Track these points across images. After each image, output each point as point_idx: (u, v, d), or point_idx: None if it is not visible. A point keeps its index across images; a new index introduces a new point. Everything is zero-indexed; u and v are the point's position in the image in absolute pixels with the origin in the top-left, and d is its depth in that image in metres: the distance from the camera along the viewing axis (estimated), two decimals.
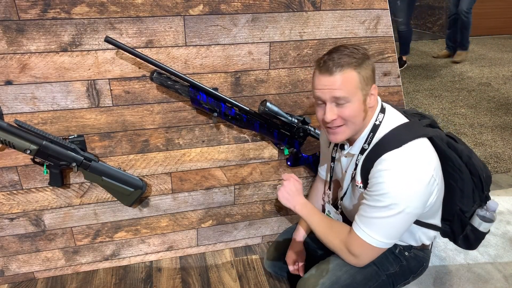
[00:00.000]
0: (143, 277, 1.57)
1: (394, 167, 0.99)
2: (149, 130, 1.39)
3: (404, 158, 1.00)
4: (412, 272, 1.24)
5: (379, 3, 1.40)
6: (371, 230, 1.03)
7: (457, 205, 1.19)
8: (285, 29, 1.36)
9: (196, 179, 1.53)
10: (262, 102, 1.35)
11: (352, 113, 1.02)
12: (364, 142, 1.09)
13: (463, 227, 1.22)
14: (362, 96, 1.01)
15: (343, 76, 0.98)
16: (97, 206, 1.48)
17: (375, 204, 1.01)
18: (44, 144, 1.22)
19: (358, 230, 1.05)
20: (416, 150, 1.02)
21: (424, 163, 1.02)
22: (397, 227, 1.02)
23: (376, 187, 1.01)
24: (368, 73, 1.01)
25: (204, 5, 1.25)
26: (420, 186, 1.00)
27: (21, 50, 1.18)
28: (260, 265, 1.63)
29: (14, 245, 1.47)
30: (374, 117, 1.08)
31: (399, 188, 0.98)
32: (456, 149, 1.15)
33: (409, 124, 1.09)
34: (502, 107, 3.36)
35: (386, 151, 1.02)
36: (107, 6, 1.18)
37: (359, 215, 1.07)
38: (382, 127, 1.07)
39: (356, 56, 0.99)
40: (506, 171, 2.41)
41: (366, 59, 1.01)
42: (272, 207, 1.70)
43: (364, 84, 1.01)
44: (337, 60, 0.98)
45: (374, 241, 1.03)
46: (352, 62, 0.98)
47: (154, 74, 1.25)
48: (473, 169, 1.16)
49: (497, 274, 1.60)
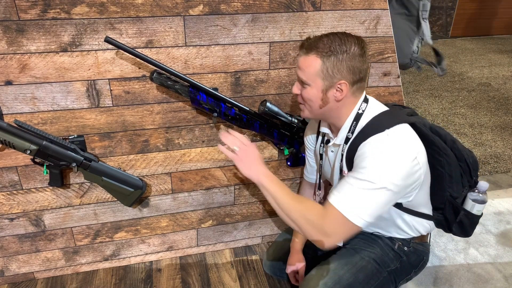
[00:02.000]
0: (143, 277, 1.57)
1: (378, 146, 1.01)
2: (149, 130, 1.39)
3: (387, 139, 1.02)
4: (413, 267, 1.24)
5: (379, 3, 1.40)
6: (349, 202, 0.97)
7: (447, 191, 1.19)
8: (285, 29, 1.36)
9: (196, 179, 1.53)
10: (262, 102, 1.35)
11: (308, 96, 1.06)
12: (348, 131, 1.10)
13: (456, 213, 1.22)
14: (322, 86, 1.03)
15: (306, 59, 1.03)
16: (97, 206, 1.48)
17: (357, 176, 0.98)
18: (44, 144, 1.22)
19: (334, 200, 0.98)
20: (399, 133, 1.03)
21: (407, 144, 1.03)
22: (376, 203, 0.97)
23: (360, 162, 1.01)
24: (335, 67, 1.00)
25: (204, 5, 1.25)
26: (402, 165, 0.99)
27: (21, 50, 1.18)
28: (260, 265, 1.63)
29: (14, 245, 1.47)
30: (357, 106, 1.09)
31: (382, 164, 0.98)
32: (440, 134, 1.16)
33: (391, 111, 1.11)
34: (502, 107, 3.36)
35: (368, 137, 1.03)
36: (107, 6, 1.18)
37: (337, 187, 1.01)
38: (364, 116, 1.08)
39: (331, 47, 0.99)
40: (506, 171, 2.41)
41: (342, 53, 0.99)
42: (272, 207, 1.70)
43: (328, 75, 1.01)
44: (311, 42, 1.02)
45: (351, 215, 0.96)
46: (321, 50, 1.00)
47: (154, 74, 1.25)
48: (458, 154, 1.17)
49: (497, 274, 1.60)
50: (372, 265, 1.16)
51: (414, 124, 1.11)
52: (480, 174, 2.37)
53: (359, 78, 1.04)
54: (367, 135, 1.04)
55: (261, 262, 1.65)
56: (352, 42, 1.01)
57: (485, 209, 1.98)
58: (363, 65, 1.03)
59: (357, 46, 1.01)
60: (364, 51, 1.03)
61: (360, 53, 1.02)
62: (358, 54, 1.01)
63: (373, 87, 1.54)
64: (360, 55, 1.02)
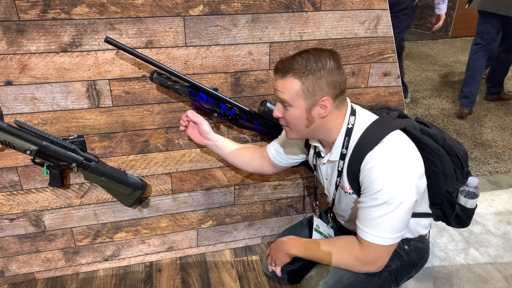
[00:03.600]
0: (143, 278, 1.57)
1: (381, 163, 1.01)
2: (149, 131, 1.39)
3: (387, 152, 1.02)
4: (414, 265, 1.24)
5: (379, 3, 1.40)
6: (379, 231, 1.03)
7: (442, 187, 1.20)
8: (285, 30, 1.36)
9: (196, 180, 1.53)
10: (262, 102, 1.35)
11: (292, 118, 1.05)
12: (342, 147, 1.10)
13: (453, 207, 1.23)
14: (305, 105, 1.02)
15: (285, 81, 1.01)
16: (97, 206, 1.48)
17: (373, 204, 1.02)
18: (44, 145, 1.22)
19: (367, 236, 1.04)
20: (395, 142, 1.04)
21: (407, 152, 1.05)
22: (402, 218, 1.03)
23: (370, 186, 1.02)
24: (315, 84, 0.99)
25: (204, 5, 1.25)
26: (410, 174, 1.02)
27: (21, 50, 1.18)
28: (260, 265, 1.63)
29: (14, 246, 1.47)
30: (346, 120, 1.09)
31: (392, 181, 1.00)
32: (430, 134, 1.16)
33: (380, 119, 1.11)
34: (502, 107, 3.36)
35: (367, 151, 1.03)
36: (107, 7, 1.18)
37: (361, 221, 1.06)
38: (356, 129, 1.08)
39: (307, 66, 0.99)
40: (506, 171, 2.41)
41: (319, 70, 0.99)
42: (272, 207, 1.70)
43: (309, 94, 1.00)
44: (286, 64, 1.01)
45: (386, 240, 1.03)
46: (297, 71, 0.99)
47: (154, 75, 1.25)
48: (449, 150, 1.17)
49: (497, 274, 1.60)
50: None
51: (405, 128, 1.11)
52: (480, 174, 2.38)
53: (340, 91, 1.04)
54: (364, 150, 1.04)
55: (261, 262, 1.65)
56: (327, 57, 1.00)
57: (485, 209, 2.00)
58: (341, 77, 1.03)
59: (332, 60, 1.01)
60: (339, 64, 1.03)
61: (336, 66, 1.01)
62: (334, 67, 1.01)
63: (373, 87, 1.54)
64: (336, 68, 1.01)
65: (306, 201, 1.73)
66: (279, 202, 1.69)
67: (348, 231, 1.28)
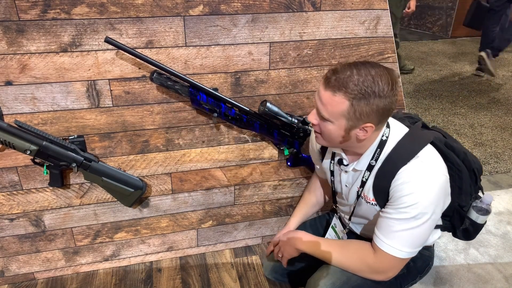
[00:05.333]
0: (143, 278, 1.57)
1: (416, 178, 0.99)
2: (149, 131, 1.39)
3: (421, 168, 1.00)
4: (419, 272, 1.24)
5: (379, 4, 1.40)
6: (398, 243, 1.01)
7: (455, 202, 1.19)
8: (285, 30, 1.36)
9: (196, 180, 1.53)
10: (262, 102, 1.35)
11: (328, 132, 1.01)
12: (371, 158, 1.06)
13: (462, 221, 1.23)
14: (346, 125, 0.97)
15: (333, 98, 0.94)
16: (97, 206, 1.48)
17: (402, 217, 1.00)
18: (44, 145, 1.22)
19: (384, 246, 1.03)
20: (429, 158, 1.02)
21: (439, 168, 1.03)
22: (423, 234, 1.03)
23: (402, 200, 0.99)
24: (364, 111, 0.93)
25: (204, 5, 1.25)
26: (442, 192, 1.01)
27: (21, 50, 1.18)
28: (260, 265, 1.63)
29: (14, 246, 1.47)
30: (381, 132, 1.05)
31: (425, 198, 0.98)
32: (453, 148, 1.15)
33: (411, 133, 1.08)
34: (502, 107, 3.36)
35: (401, 166, 1.00)
36: (107, 7, 1.18)
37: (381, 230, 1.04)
38: (389, 142, 1.05)
39: (362, 89, 0.91)
40: (506, 171, 2.41)
41: (373, 97, 0.91)
42: (272, 207, 1.70)
43: (354, 117, 0.94)
44: (339, 79, 0.92)
45: (403, 253, 1.02)
46: (350, 92, 0.91)
47: (154, 75, 1.25)
48: (468, 165, 1.17)
49: (498, 274, 1.60)
50: None
51: (433, 142, 1.10)
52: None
53: (386, 116, 0.98)
54: (397, 164, 1.01)
55: (261, 262, 1.65)
56: (385, 81, 0.92)
57: None
58: (392, 105, 0.95)
59: (388, 86, 0.92)
60: (395, 88, 0.94)
61: (392, 93, 0.94)
62: (389, 94, 0.93)
63: None
64: (391, 95, 0.94)
65: None
66: (279, 202, 1.69)
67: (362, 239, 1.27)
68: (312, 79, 1.46)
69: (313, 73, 1.45)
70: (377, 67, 0.94)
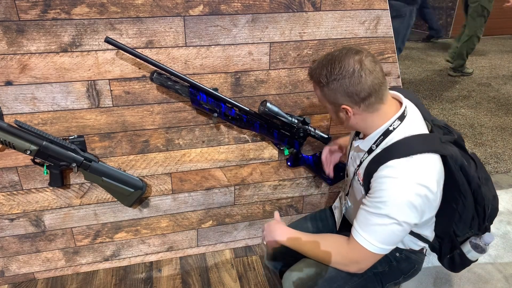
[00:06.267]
0: (143, 278, 1.57)
1: (398, 177, 0.98)
2: (149, 131, 1.39)
3: (410, 169, 0.98)
4: (402, 273, 1.23)
5: (379, 4, 1.40)
6: (372, 237, 1.03)
7: (452, 227, 1.18)
8: (285, 30, 1.36)
9: (196, 180, 1.53)
10: (262, 102, 1.35)
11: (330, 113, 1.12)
12: (374, 142, 1.08)
13: (452, 249, 1.21)
14: (332, 108, 1.06)
15: (314, 87, 1.07)
16: (97, 206, 1.48)
17: (374, 211, 1.01)
18: (44, 145, 1.22)
19: (358, 238, 1.05)
20: (424, 164, 1.00)
21: (429, 179, 0.99)
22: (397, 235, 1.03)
23: (378, 193, 1.00)
24: (331, 95, 1.00)
25: (204, 5, 1.25)
26: (420, 202, 0.98)
27: (21, 50, 1.18)
28: (260, 265, 1.63)
29: (14, 246, 1.47)
30: (389, 122, 1.05)
31: (399, 200, 0.97)
32: (468, 175, 1.11)
33: (426, 136, 1.06)
34: (502, 107, 3.36)
35: (394, 158, 1.00)
36: (107, 7, 1.18)
37: (358, 221, 1.06)
38: (395, 134, 1.05)
39: (320, 77, 0.99)
40: (506, 171, 2.41)
41: (332, 82, 0.97)
42: (273, 207, 1.70)
43: (330, 100, 1.03)
44: (312, 70, 1.04)
45: (375, 248, 1.03)
46: (316, 80, 1.03)
47: (154, 75, 1.25)
48: (479, 199, 1.13)
49: (498, 274, 1.60)
50: None
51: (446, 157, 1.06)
52: None
53: (361, 98, 0.98)
54: (392, 155, 1.01)
55: (261, 262, 1.65)
56: (349, 64, 0.96)
57: None
58: (360, 86, 0.96)
59: (353, 67, 0.95)
60: (362, 70, 0.95)
61: (358, 75, 0.95)
62: (353, 76, 0.95)
63: None
64: (357, 77, 0.95)
65: (306, 201, 1.73)
66: (279, 202, 1.69)
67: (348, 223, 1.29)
68: None
69: None
70: (346, 53, 0.98)
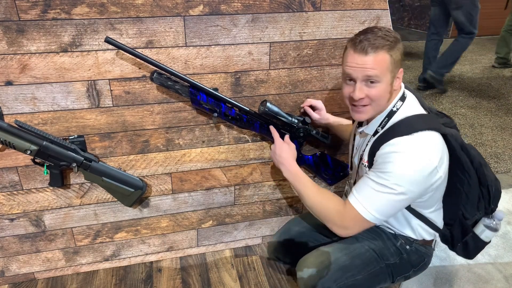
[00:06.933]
0: (143, 278, 1.57)
1: (402, 150, 1.03)
2: (149, 131, 1.39)
3: (412, 144, 1.03)
4: (412, 266, 1.24)
5: (379, 4, 1.40)
6: (367, 203, 1.06)
7: (460, 209, 1.20)
8: (285, 30, 1.36)
9: (196, 180, 1.54)
10: (262, 102, 1.35)
11: (380, 93, 1.07)
12: (379, 125, 1.13)
13: (463, 233, 1.23)
14: (390, 78, 1.06)
15: (377, 57, 1.03)
16: (97, 206, 1.48)
17: (377, 180, 1.05)
18: (44, 145, 1.23)
19: (354, 201, 1.08)
20: (425, 140, 1.05)
21: (431, 152, 1.04)
22: (392, 206, 1.05)
23: (382, 165, 1.05)
24: (398, 56, 1.05)
25: (204, 5, 1.25)
26: (422, 174, 1.03)
27: (22, 50, 1.18)
28: (260, 265, 1.63)
29: (14, 246, 1.47)
30: (393, 103, 1.12)
31: (403, 171, 1.02)
32: (469, 153, 1.15)
33: (426, 115, 1.12)
34: (502, 107, 3.36)
35: (396, 136, 1.05)
36: (107, 7, 1.18)
37: (357, 187, 1.09)
38: (397, 114, 1.11)
39: (390, 39, 1.03)
40: (506, 171, 2.41)
41: (397, 42, 1.05)
42: (273, 207, 1.70)
43: (394, 66, 1.05)
44: (373, 41, 1.02)
45: (368, 214, 1.06)
46: (386, 45, 1.03)
47: (154, 75, 1.25)
48: (482, 179, 1.16)
49: (498, 274, 1.60)
50: (371, 253, 1.19)
51: (446, 135, 1.10)
52: None
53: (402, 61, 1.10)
54: (395, 134, 1.06)
55: (262, 262, 1.65)
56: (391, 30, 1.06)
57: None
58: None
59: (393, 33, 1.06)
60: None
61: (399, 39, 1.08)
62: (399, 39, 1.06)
63: None
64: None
65: None
66: (279, 202, 1.69)
67: None
68: (312, 79, 1.46)
69: (313, 73, 1.45)
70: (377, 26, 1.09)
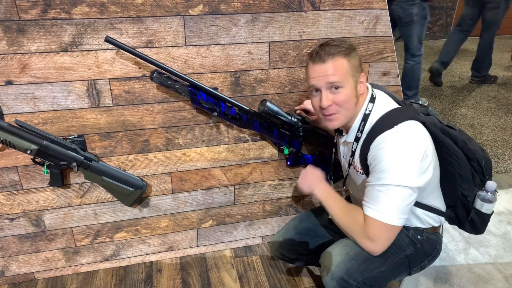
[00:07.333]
0: (143, 278, 1.57)
1: (388, 145, 1.06)
2: (149, 130, 1.40)
3: (396, 136, 1.07)
4: (427, 255, 1.26)
5: (378, 3, 1.40)
6: (381, 207, 1.07)
7: (458, 190, 1.22)
8: (285, 29, 1.36)
9: (196, 179, 1.54)
10: (262, 101, 1.36)
11: (345, 98, 1.10)
12: (357, 131, 1.16)
13: (467, 211, 1.24)
14: (353, 82, 1.10)
15: (335, 63, 1.07)
16: (97, 206, 1.48)
17: (377, 182, 1.07)
18: (44, 144, 1.23)
19: (368, 211, 1.09)
20: (407, 129, 1.08)
21: (416, 139, 1.08)
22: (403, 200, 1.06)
23: (377, 167, 1.07)
24: (356, 62, 1.10)
25: (204, 5, 1.25)
26: (414, 160, 1.05)
27: (22, 50, 1.18)
28: (260, 265, 1.63)
29: (14, 246, 1.47)
30: (364, 107, 1.15)
31: (396, 163, 1.04)
32: (450, 135, 1.18)
33: (400, 109, 1.15)
34: (502, 107, 3.36)
35: (378, 134, 1.08)
36: (107, 6, 1.18)
37: (366, 197, 1.11)
38: (372, 116, 1.14)
39: (344, 46, 1.08)
40: (506, 171, 2.41)
41: (353, 49, 1.10)
42: (273, 207, 1.70)
43: (354, 71, 1.09)
44: (328, 50, 1.08)
45: (385, 216, 1.06)
46: (341, 51, 1.08)
47: (154, 74, 1.25)
48: (470, 154, 1.19)
49: (498, 274, 1.60)
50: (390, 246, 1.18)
51: (425, 123, 1.13)
52: None
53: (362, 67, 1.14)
54: (377, 132, 1.09)
55: (262, 262, 1.65)
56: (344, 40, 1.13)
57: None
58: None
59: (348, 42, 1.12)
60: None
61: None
62: (354, 47, 1.12)
63: None
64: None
65: (306, 201, 1.73)
66: (279, 202, 1.69)
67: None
68: None
69: None
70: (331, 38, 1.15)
